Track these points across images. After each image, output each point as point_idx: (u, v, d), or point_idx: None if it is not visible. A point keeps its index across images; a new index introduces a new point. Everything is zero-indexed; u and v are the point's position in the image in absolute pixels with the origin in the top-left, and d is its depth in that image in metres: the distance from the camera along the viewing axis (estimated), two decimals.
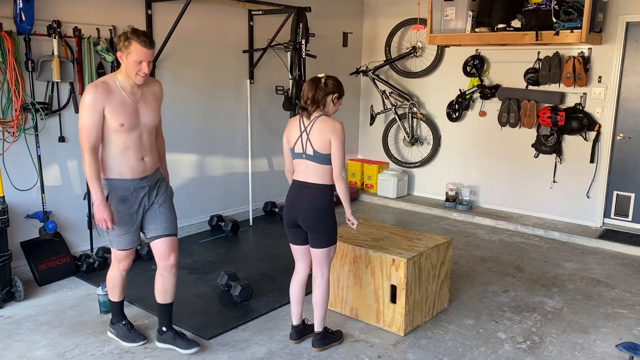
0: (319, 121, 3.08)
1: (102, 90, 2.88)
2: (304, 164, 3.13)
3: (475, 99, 6.50)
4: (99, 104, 2.87)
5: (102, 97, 2.87)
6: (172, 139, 5.25)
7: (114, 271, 3.32)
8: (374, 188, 7.19)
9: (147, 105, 3.06)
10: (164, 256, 3.21)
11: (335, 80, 3.18)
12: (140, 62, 2.88)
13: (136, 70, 2.90)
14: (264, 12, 5.73)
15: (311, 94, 3.08)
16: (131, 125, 2.98)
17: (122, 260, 3.26)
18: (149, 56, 2.90)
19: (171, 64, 5.15)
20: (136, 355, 3.25)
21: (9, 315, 3.73)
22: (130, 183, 3.05)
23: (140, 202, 3.11)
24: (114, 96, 2.92)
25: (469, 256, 5.09)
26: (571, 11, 5.11)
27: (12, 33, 3.95)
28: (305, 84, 3.19)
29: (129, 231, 3.13)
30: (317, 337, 3.34)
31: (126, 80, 2.96)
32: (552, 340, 3.54)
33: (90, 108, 2.86)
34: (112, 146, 2.98)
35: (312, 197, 3.12)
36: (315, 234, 3.15)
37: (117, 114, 2.91)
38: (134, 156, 3.02)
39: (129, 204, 3.07)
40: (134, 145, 3.01)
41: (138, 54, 2.85)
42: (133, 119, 2.98)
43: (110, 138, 2.96)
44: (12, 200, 4.10)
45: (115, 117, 2.91)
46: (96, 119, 2.88)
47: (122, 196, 3.05)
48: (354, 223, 3.30)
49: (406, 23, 6.84)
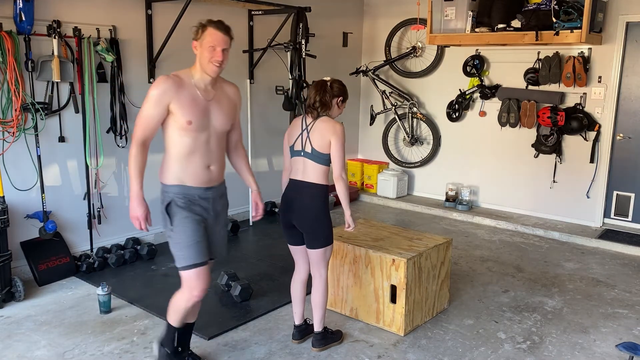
0: (320, 121, 3.11)
1: (172, 83, 2.66)
2: (302, 162, 3.14)
3: (475, 99, 6.50)
4: (166, 97, 2.63)
5: (171, 91, 2.64)
6: None
7: (184, 300, 2.82)
8: (374, 188, 7.19)
9: (221, 108, 2.80)
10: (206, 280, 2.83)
11: (341, 84, 3.22)
12: (214, 47, 2.66)
13: (210, 57, 2.67)
14: (264, 12, 5.73)
15: (319, 97, 3.11)
16: (200, 125, 2.70)
17: (196, 281, 2.76)
18: (224, 43, 2.69)
19: (171, 64, 5.14)
20: (136, 355, 3.25)
21: (9, 315, 3.73)
22: (194, 191, 2.75)
23: (205, 212, 2.80)
24: (185, 91, 2.68)
25: (469, 256, 5.09)
26: (571, 11, 5.11)
27: (12, 33, 3.95)
28: (311, 86, 3.21)
29: (198, 240, 2.74)
30: (316, 337, 3.34)
31: (201, 76, 2.74)
32: (552, 340, 3.54)
33: (155, 99, 2.63)
34: (177, 148, 2.71)
35: (307, 197, 3.11)
36: (311, 234, 3.15)
37: (185, 110, 2.66)
38: (199, 162, 2.73)
39: (194, 210, 2.74)
40: (200, 149, 2.73)
41: (212, 37, 2.66)
42: (203, 118, 2.71)
43: (175, 138, 2.70)
44: (12, 200, 4.10)
45: (183, 113, 2.65)
46: (158, 112, 2.65)
47: (185, 202, 2.73)
48: (350, 226, 3.27)
49: (406, 23, 6.84)
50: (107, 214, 4.78)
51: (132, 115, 4.87)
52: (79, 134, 4.50)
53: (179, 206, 2.72)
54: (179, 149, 2.71)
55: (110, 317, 3.72)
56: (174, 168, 2.73)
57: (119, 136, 4.77)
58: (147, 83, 4.95)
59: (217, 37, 2.68)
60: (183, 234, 2.72)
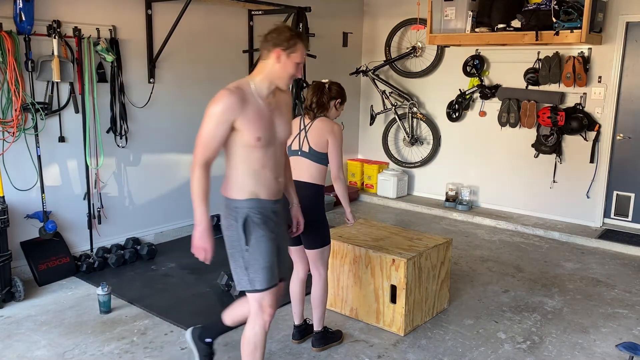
0: (318, 121, 3.12)
1: (237, 99, 2.40)
2: (299, 161, 3.14)
3: (475, 99, 6.50)
4: (231, 115, 2.39)
5: (237, 108, 2.39)
6: (172, 139, 5.27)
7: (257, 326, 2.60)
8: (374, 188, 7.19)
9: (281, 116, 2.59)
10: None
11: (339, 86, 3.23)
12: (299, 64, 2.52)
13: (293, 73, 2.50)
14: (264, 12, 5.73)
15: (316, 99, 3.13)
16: (268, 140, 2.50)
17: (269, 304, 2.58)
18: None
19: (171, 64, 5.15)
20: (136, 355, 3.25)
21: (9, 315, 3.73)
22: (267, 205, 2.55)
23: (277, 228, 2.62)
24: (250, 105, 2.44)
25: (469, 256, 5.09)
26: (571, 11, 5.11)
27: (12, 33, 3.95)
28: (309, 88, 3.22)
29: (274, 261, 2.56)
30: (316, 336, 3.34)
31: (264, 84, 2.51)
32: (552, 340, 3.54)
33: (217, 118, 2.39)
34: (247, 163, 2.50)
35: (304, 197, 3.09)
36: (308, 234, 3.14)
37: (253, 127, 2.43)
38: (270, 175, 2.55)
39: (269, 227, 2.55)
40: (270, 161, 2.53)
41: (300, 54, 2.51)
42: (270, 131, 2.51)
43: (242, 154, 2.49)
44: (12, 200, 4.10)
45: (251, 129, 2.43)
46: (221, 131, 2.41)
47: (261, 218, 2.53)
48: (349, 219, 3.33)
49: (406, 23, 6.84)
50: (107, 214, 4.78)
51: (132, 115, 4.87)
52: (79, 134, 4.50)
53: (255, 223, 2.52)
54: (249, 163, 2.50)
55: (110, 317, 3.72)
56: (246, 182, 2.52)
57: (119, 136, 4.77)
58: (147, 83, 4.95)
59: (303, 54, 2.54)
60: (259, 255, 2.52)
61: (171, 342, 3.41)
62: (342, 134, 3.12)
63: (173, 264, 4.72)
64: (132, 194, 4.99)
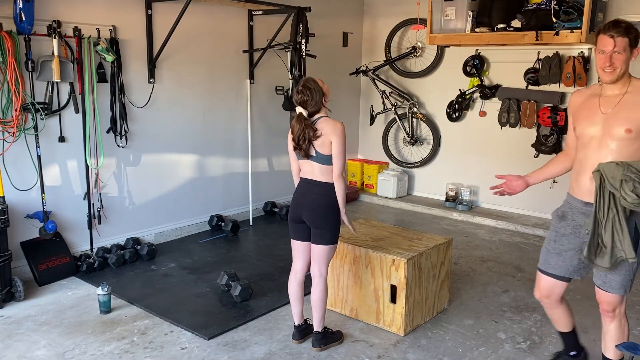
0: (320, 122, 3.11)
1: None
2: (309, 164, 3.17)
3: (475, 99, 6.50)
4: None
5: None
6: (172, 139, 5.27)
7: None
8: (374, 188, 7.19)
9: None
10: None
11: (311, 94, 3.08)
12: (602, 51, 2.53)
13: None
14: (264, 12, 5.73)
15: (302, 135, 3.07)
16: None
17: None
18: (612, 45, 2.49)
19: (171, 64, 5.15)
20: (136, 355, 3.25)
21: (9, 315, 3.73)
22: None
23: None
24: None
25: (469, 256, 5.09)
26: (571, 11, 5.11)
27: (12, 33, 3.95)
28: (293, 121, 3.14)
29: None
30: (316, 336, 3.34)
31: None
32: (552, 340, 3.53)
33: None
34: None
35: (319, 195, 3.15)
36: (319, 230, 3.17)
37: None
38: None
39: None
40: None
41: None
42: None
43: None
44: (12, 200, 4.10)
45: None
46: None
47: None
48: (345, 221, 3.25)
49: (406, 23, 6.84)
50: (107, 214, 4.78)
51: (132, 115, 4.87)
52: (79, 134, 4.50)
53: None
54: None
55: (110, 317, 3.72)
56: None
57: (119, 136, 4.77)
58: (147, 83, 4.95)
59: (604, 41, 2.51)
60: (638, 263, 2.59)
61: (171, 342, 3.41)
62: (345, 132, 3.11)
63: (173, 264, 4.72)
64: (132, 194, 4.99)
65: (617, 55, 2.47)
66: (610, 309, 2.68)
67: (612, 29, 2.47)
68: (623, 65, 2.49)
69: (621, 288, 2.61)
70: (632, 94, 2.52)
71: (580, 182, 2.69)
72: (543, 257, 2.87)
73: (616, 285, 2.61)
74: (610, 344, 2.73)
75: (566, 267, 2.77)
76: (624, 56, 2.47)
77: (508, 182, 3.02)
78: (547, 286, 2.86)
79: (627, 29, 2.47)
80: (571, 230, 2.72)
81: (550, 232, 2.85)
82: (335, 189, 3.15)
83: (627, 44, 2.46)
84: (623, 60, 2.48)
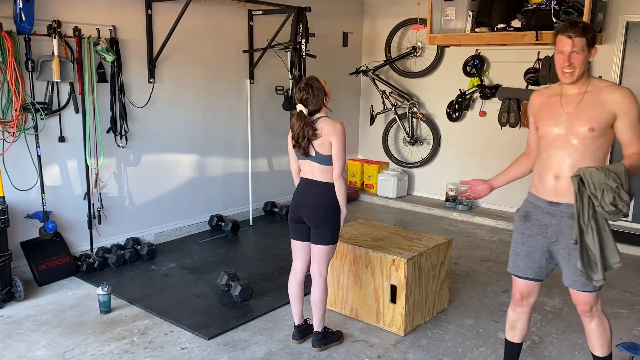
0: (319, 122, 3.10)
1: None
2: (309, 164, 3.17)
3: (475, 99, 6.50)
4: None
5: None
6: (172, 139, 5.27)
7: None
8: (374, 188, 7.19)
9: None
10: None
11: (312, 92, 3.08)
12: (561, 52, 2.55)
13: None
14: (264, 12, 5.73)
15: (302, 133, 3.06)
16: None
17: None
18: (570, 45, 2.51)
19: (171, 64, 5.15)
20: (136, 355, 3.25)
21: (9, 315, 3.73)
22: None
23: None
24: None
25: (469, 256, 5.09)
26: (571, 11, 5.11)
27: (12, 33, 3.95)
28: (293, 119, 3.13)
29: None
30: (316, 336, 3.34)
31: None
32: (552, 340, 3.53)
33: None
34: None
35: (319, 194, 3.14)
36: (319, 230, 3.17)
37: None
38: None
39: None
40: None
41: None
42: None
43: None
44: (12, 200, 4.10)
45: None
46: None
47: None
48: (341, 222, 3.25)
49: (406, 23, 6.84)
50: (107, 214, 4.78)
51: (132, 115, 4.87)
52: (79, 134, 4.50)
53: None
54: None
55: (110, 317, 3.72)
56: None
57: (119, 136, 4.77)
58: (147, 83, 4.95)
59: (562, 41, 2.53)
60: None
61: (171, 342, 3.41)
62: (344, 133, 3.10)
63: (173, 264, 4.72)
64: (132, 194, 4.99)
65: (575, 55, 2.51)
66: (587, 308, 2.69)
67: (570, 30, 2.51)
68: (582, 65, 2.53)
69: (590, 284, 2.60)
70: (593, 94, 2.57)
71: (544, 181, 2.68)
72: (512, 261, 2.84)
73: (586, 282, 2.59)
74: (595, 342, 2.74)
75: (535, 268, 2.77)
76: (582, 56, 2.51)
77: (473, 187, 3.03)
78: (526, 288, 2.84)
79: (584, 29, 2.50)
80: (537, 231, 2.70)
81: (515, 234, 2.81)
82: (336, 189, 3.14)
83: (584, 44, 2.50)
84: (581, 60, 2.52)
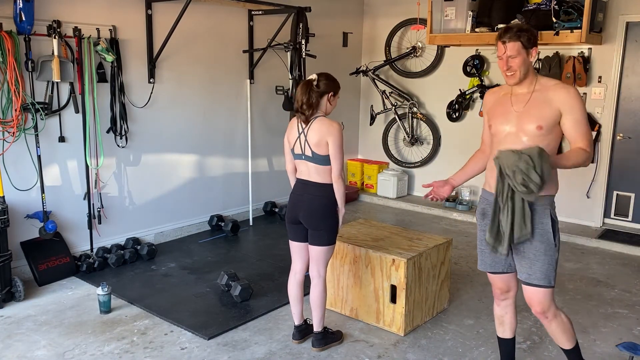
0: (316, 122, 3.08)
1: None
2: (305, 164, 3.15)
3: (475, 99, 6.50)
4: None
5: None
6: (172, 139, 5.27)
7: (568, 320, 2.85)
8: (374, 188, 7.19)
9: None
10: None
11: (328, 78, 3.14)
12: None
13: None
14: (264, 12, 5.73)
15: (305, 98, 3.05)
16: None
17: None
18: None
19: (171, 64, 5.15)
20: (136, 355, 3.25)
21: (9, 315, 3.73)
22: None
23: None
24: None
25: (469, 256, 5.09)
26: (571, 11, 5.11)
27: (12, 33, 3.95)
28: (298, 87, 3.13)
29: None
30: (316, 337, 3.34)
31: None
32: (552, 340, 3.52)
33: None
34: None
35: (315, 195, 3.13)
36: (316, 231, 3.16)
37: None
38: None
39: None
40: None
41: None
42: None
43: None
44: (12, 200, 4.10)
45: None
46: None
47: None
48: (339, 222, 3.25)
49: (406, 23, 6.84)
50: (107, 214, 4.78)
51: (132, 115, 4.87)
52: (79, 134, 4.50)
53: (556, 221, 2.66)
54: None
55: (110, 317, 3.72)
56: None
57: (119, 136, 4.77)
58: (147, 83, 4.95)
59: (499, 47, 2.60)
60: (558, 252, 2.67)
61: (171, 342, 3.41)
62: (341, 133, 3.08)
63: (173, 264, 4.72)
64: (132, 194, 4.99)
65: (512, 59, 2.55)
66: (541, 309, 2.70)
67: (503, 35, 2.56)
68: (521, 67, 2.57)
69: (545, 278, 2.62)
70: (540, 92, 2.61)
71: (495, 178, 2.71)
72: (480, 258, 2.89)
73: (541, 276, 2.62)
74: (560, 337, 2.80)
75: (501, 262, 2.81)
76: (519, 59, 2.55)
77: (435, 189, 3.04)
78: (502, 281, 2.88)
79: (517, 33, 2.53)
80: None
81: (478, 232, 2.88)
82: (335, 189, 3.13)
83: (520, 47, 2.54)
84: (520, 63, 2.56)
